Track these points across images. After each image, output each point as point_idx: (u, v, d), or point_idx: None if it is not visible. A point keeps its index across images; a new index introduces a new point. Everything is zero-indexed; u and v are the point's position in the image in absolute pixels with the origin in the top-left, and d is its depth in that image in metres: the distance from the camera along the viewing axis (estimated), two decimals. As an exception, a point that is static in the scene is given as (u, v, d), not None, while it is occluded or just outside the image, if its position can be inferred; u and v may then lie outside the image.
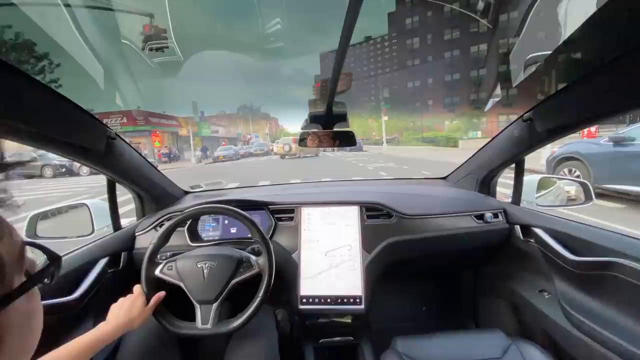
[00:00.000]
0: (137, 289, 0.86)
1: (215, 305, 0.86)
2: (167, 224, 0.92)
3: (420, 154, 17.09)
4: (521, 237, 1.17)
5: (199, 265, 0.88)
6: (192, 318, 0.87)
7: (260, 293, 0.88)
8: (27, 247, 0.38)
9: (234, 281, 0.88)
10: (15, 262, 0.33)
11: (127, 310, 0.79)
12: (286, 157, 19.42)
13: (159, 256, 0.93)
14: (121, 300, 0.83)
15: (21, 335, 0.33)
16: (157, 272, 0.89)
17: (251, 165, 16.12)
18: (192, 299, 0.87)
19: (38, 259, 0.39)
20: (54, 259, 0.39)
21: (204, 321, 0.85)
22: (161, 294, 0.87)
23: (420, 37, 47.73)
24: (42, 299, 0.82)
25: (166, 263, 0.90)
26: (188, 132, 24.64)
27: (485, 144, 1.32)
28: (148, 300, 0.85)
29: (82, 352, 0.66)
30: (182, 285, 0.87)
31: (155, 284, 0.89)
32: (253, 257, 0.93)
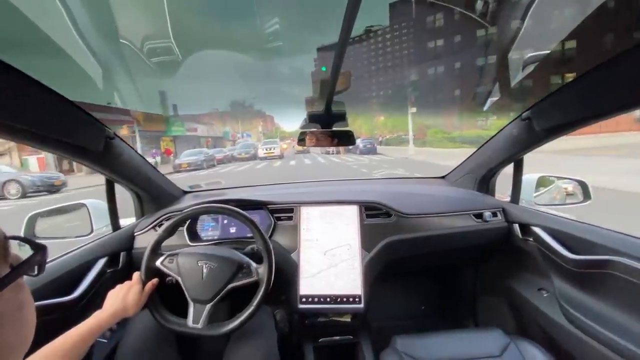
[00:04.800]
0: (135, 276, 0.87)
1: (208, 306, 0.86)
2: (170, 221, 0.93)
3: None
4: (520, 235, 1.18)
5: (199, 264, 0.88)
6: (184, 315, 0.87)
7: (255, 302, 0.87)
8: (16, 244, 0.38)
9: (230, 286, 0.87)
10: None
11: (123, 297, 0.81)
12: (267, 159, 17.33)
13: (161, 249, 0.94)
14: (118, 287, 0.84)
15: (15, 326, 0.34)
16: (158, 262, 0.89)
17: (223, 177, 11.09)
18: (187, 296, 0.87)
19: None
20: (38, 248, 0.40)
21: (195, 320, 0.85)
22: (154, 280, 0.88)
23: (445, 11, 33.83)
24: (42, 298, 0.83)
25: (168, 255, 0.91)
26: (132, 131, 18.36)
27: (484, 143, 1.32)
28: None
29: (79, 341, 0.67)
30: (179, 280, 0.87)
31: (155, 275, 0.89)
32: (254, 265, 0.92)
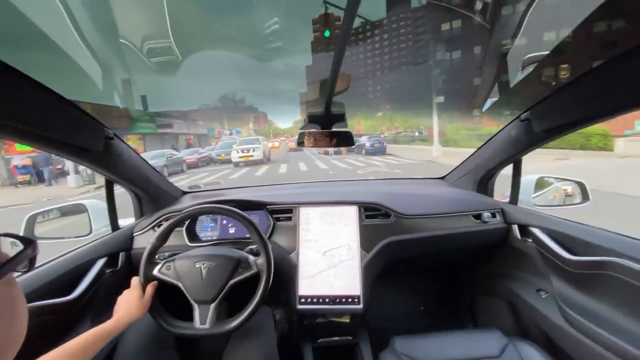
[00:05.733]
0: (134, 281, 0.87)
1: (213, 305, 0.86)
2: (165, 224, 0.92)
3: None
4: (519, 236, 1.18)
5: (197, 265, 0.88)
6: (190, 318, 0.87)
7: (258, 294, 0.88)
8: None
9: (232, 282, 0.88)
10: None
11: (125, 303, 0.81)
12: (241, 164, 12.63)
13: (157, 256, 0.94)
14: (119, 297, 0.85)
15: (8, 322, 0.35)
16: (155, 271, 0.89)
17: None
18: (190, 299, 0.87)
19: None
20: (27, 243, 0.40)
21: (202, 321, 0.85)
22: (154, 283, 0.88)
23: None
24: (41, 299, 0.83)
25: (164, 263, 0.90)
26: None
27: (483, 144, 1.32)
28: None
29: (86, 347, 0.67)
30: (180, 285, 0.87)
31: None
32: (251, 258, 0.93)
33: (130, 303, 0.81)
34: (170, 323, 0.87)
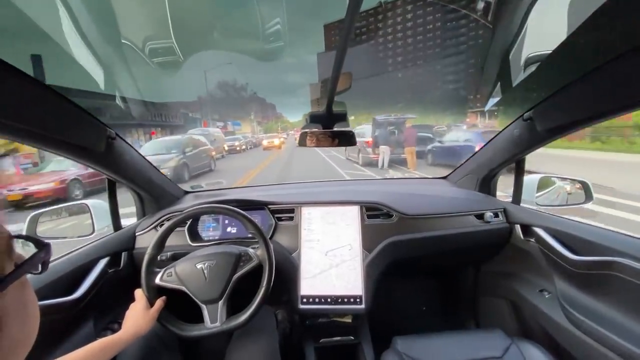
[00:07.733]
0: (137, 293, 0.87)
1: (220, 303, 0.86)
2: (163, 227, 0.92)
3: None
4: (521, 236, 1.17)
5: (198, 267, 0.88)
6: (200, 319, 0.87)
7: (264, 283, 0.88)
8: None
9: (235, 276, 0.88)
10: (4, 253, 0.35)
11: (132, 316, 0.81)
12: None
13: (158, 257, 0.93)
14: (127, 311, 0.85)
15: (20, 322, 0.36)
16: (157, 280, 0.88)
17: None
18: (196, 300, 0.86)
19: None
20: (41, 246, 0.40)
21: (213, 320, 0.86)
22: (163, 298, 0.88)
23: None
24: (44, 298, 0.83)
25: (165, 270, 0.90)
26: None
27: (486, 143, 1.32)
28: (152, 304, 0.85)
29: (93, 356, 0.67)
30: (184, 289, 0.87)
31: (158, 291, 0.89)
32: (251, 250, 0.93)
33: (136, 316, 0.81)
34: (182, 328, 0.87)
